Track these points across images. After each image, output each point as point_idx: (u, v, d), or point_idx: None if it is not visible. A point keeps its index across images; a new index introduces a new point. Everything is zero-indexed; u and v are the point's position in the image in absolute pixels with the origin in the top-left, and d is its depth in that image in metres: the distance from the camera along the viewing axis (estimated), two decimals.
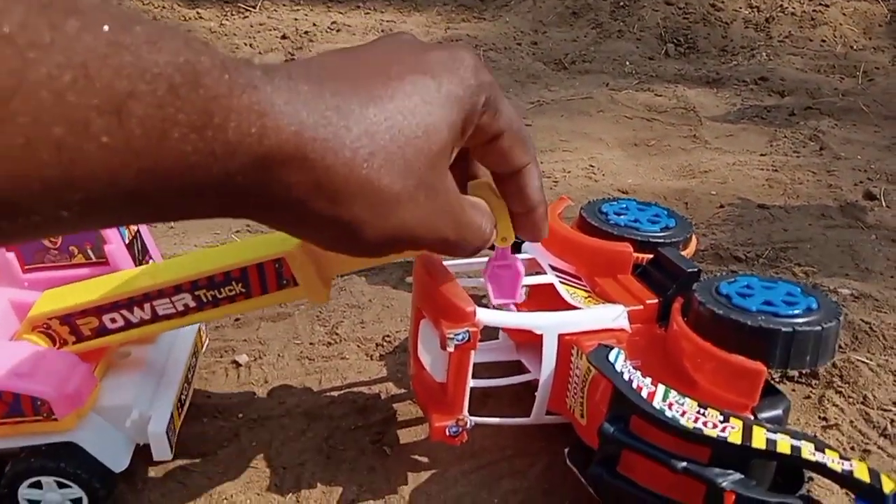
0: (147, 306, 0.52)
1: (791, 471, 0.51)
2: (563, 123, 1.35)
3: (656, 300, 0.57)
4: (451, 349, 0.51)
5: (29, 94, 0.20)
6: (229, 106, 0.25)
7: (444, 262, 0.58)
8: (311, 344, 0.76)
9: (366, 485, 0.59)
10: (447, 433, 0.55)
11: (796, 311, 0.51)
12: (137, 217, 0.27)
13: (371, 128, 0.30)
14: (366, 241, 0.32)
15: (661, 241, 0.63)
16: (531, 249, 0.66)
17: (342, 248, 0.33)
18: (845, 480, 0.43)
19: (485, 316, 0.52)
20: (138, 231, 0.60)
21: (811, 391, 0.68)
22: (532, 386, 0.62)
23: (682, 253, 0.63)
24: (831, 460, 0.43)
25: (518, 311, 0.66)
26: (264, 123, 0.26)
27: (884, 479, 0.43)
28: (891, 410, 0.65)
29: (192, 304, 0.51)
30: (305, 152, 0.28)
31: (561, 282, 0.60)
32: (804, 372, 0.70)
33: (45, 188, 0.21)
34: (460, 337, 0.51)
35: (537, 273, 0.64)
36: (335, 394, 0.69)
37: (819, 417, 0.65)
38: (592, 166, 1.18)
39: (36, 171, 0.21)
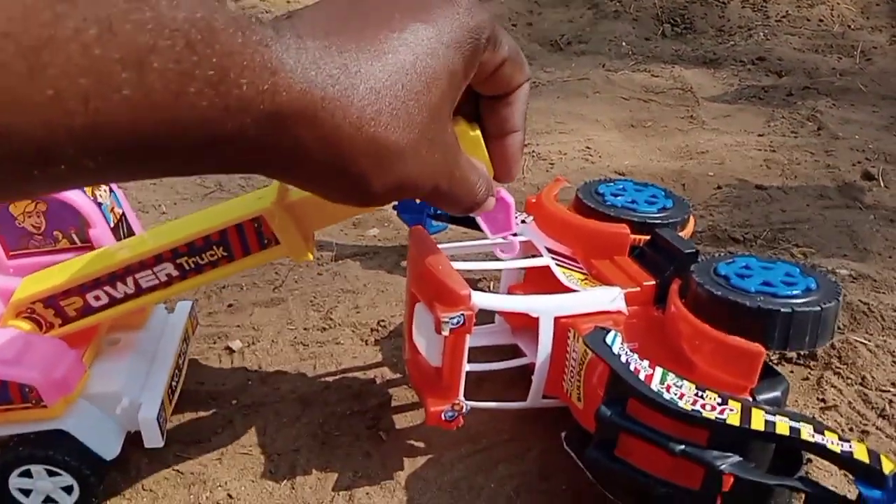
0: (130, 280, 0.51)
1: (789, 453, 0.50)
2: (559, 105, 1.34)
3: (653, 282, 0.56)
4: (445, 333, 0.50)
5: (59, 47, 0.21)
6: (243, 63, 0.26)
7: (440, 245, 0.57)
8: (305, 329, 0.76)
9: (361, 470, 0.59)
10: (443, 417, 0.54)
11: (795, 292, 0.50)
12: (155, 170, 0.28)
13: (376, 85, 0.31)
14: (371, 193, 0.33)
15: (659, 222, 0.62)
16: (527, 232, 0.65)
17: (348, 199, 0.34)
18: (845, 461, 0.43)
19: (480, 299, 0.52)
20: (123, 214, 0.59)
21: (809, 372, 0.67)
22: (528, 370, 0.61)
23: (680, 234, 0.62)
24: (831, 441, 0.43)
25: (515, 293, 0.65)
26: (276, 81, 0.27)
27: (883, 459, 0.42)
28: (889, 391, 0.64)
29: (175, 273, 0.50)
30: (315, 110, 0.29)
31: (557, 264, 0.60)
32: (803, 353, 0.69)
33: (72, 137, 0.22)
34: (455, 321, 0.50)
35: (533, 256, 0.63)
36: (330, 379, 0.68)
37: (818, 399, 0.64)
38: (589, 148, 1.17)
39: (64, 119, 0.22)
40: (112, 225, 0.57)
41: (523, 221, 0.68)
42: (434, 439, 0.61)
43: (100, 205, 0.56)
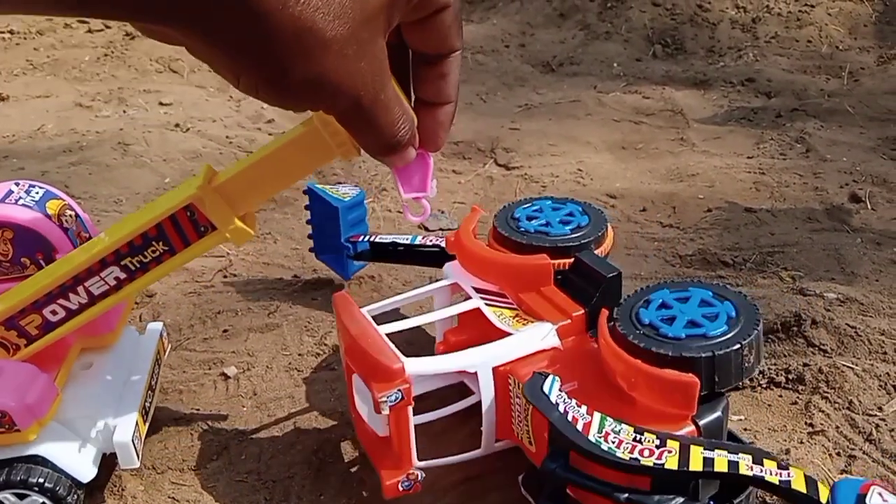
0: (81, 289, 0.52)
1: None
2: (551, 127, 1.36)
3: (582, 311, 0.56)
4: (385, 412, 0.50)
5: None
6: None
7: (366, 308, 0.57)
8: (299, 355, 0.76)
9: (355, 497, 0.60)
10: (399, 489, 0.54)
11: (721, 329, 0.50)
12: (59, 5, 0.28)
13: None
14: (286, 82, 0.32)
15: (574, 244, 0.62)
16: (452, 274, 0.64)
17: (261, 86, 0.33)
18: (783, 492, 0.44)
19: (414, 367, 0.52)
20: (89, 238, 0.60)
21: (798, 397, 0.68)
22: (478, 408, 0.61)
23: (598, 251, 0.62)
24: (769, 472, 0.44)
25: (449, 338, 0.64)
26: None
27: (821, 487, 0.43)
28: (876, 415, 0.65)
29: (123, 275, 0.51)
30: None
31: (487, 304, 0.60)
32: (791, 377, 0.70)
33: None
34: (393, 398, 0.50)
35: (462, 297, 0.62)
36: (324, 406, 0.69)
37: (805, 423, 0.65)
38: (581, 170, 1.18)
39: None
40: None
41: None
42: (427, 468, 0.61)
43: (66, 230, 0.57)
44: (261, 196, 0.50)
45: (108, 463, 0.63)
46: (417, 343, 0.74)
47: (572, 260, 0.60)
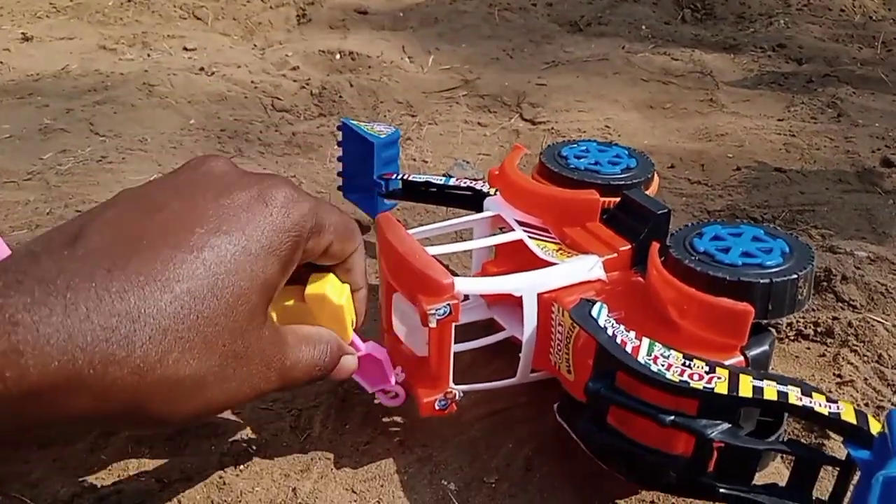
0: None
1: (771, 414, 0.51)
2: (578, 83, 1.34)
3: (629, 246, 0.56)
4: (433, 325, 0.50)
5: None
6: None
7: (410, 231, 0.57)
8: None
9: (380, 428, 0.60)
10: (436, 407, 0.54)
11: (776, 260, 0.51)
12: None
13: (164, 322, 0.29)
14: (174, 424, 0.32)
15: (624, 182, 0.62)
16: (494, 206, 0.64)
17: (151, 431, 0.34)
18: (832, 423, 0.43)
19: (463, 285, 0.51)
20: None
21: (826, 349, 0.68)
22: (509, 343, 0.61)
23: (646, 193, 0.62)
24: (818, 404, 0.43)
25: (489, 271, 0.65)
26: (24, 363, 0.26)
27: (871, 420, 0.43)
28: None
29: None
30: (81, 377, 0.27)
31: (530, 236, 0.59)
32: (819, 331, 0.69)
33: None
34: (442, 311, 0.50)
35: (502, 230, 0.62)
36: None
37: (833, 374, 0.65)
38: (608, 127, 1.17)
39: None
40: None
41: (487, 194, 0.67)
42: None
43: None
44: None
45: None
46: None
47: (619, 199, 0.60)
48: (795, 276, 0.50)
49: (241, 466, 0.56)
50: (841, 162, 1.05)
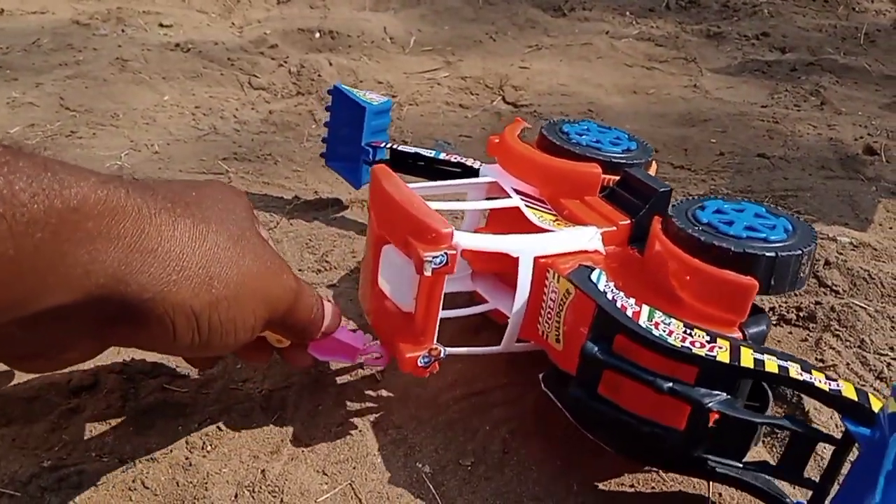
0: None
1: (756, 390, 0.50)
2: (561, 68, 1.32)
3: (629, 221, 0.55)
4: (428, 273, 0.48)
5: None
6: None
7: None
8: (299, 270, 0.74)
9: (354, 409, 0.58)
10: (419, 364, 0.53)
11: (780, 236, 0.50)
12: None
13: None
14: (161, 316, 0.36)
15: (626, 161, 0.61)
16: (491, 172, 0.63)
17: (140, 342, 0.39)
18: (833, 399, 0.42)
19: (461, 239, 0.50)
20: None
21: (808, 334, 0.67)
22: (489, 319, 0.60)
23: None
24: (818, 380, 0.42)
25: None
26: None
27: (871, 398, 0.42)
28: (887, 355, 0.64)
29: None
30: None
31: (526, 205, 0.58)
32: (802, 315, 0.68)
33: None
34: (438, 260, 0.48)
35: (498, 197, 0.61)
36: None
37: (816, 359, 0.64)
38: (591, 111, 1.15)
39: None
40: None
41: (477, 171, 0.66)
42: (429, 381, 0.60)
43: None
44: None
45: (96, 364, 0.61)
46: None
47: (620, 177, 0.59)
48: (800, 251, 0.49)
49: (209, 447, 0.54)
50: (824, 149, 1.04)
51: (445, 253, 0.48)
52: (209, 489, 0.50)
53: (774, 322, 0.68)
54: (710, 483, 0.51)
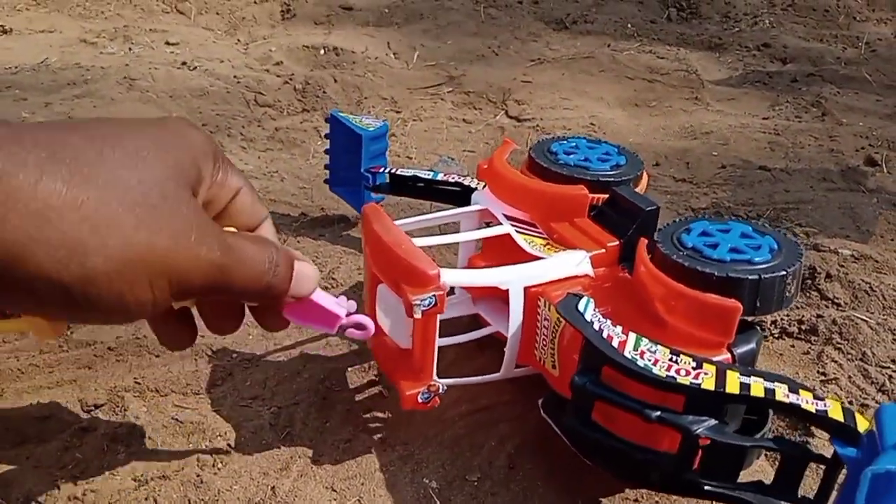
0: None
1: (758, 410, 0.50)
2: (563, 81, 1.34)
3: (617, 242, 0.56)
4: (418, 316, 0.49)
5: None
6: None
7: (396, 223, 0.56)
8: None
9: (362, 425, 0.59)
10: (419, 400, 0.54)
11: (765, 257, 0.50)
12: None
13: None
14: (92, 275, 0.32)
15: (613, 179, 0.62)
16: (482, 200, 0.64)
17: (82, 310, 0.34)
18: (820, 421, 0.43)
19: (449, 277, 0.51)
20: None
21: (810, 347, 0.68)
22: (493, 339, 0.61)
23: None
24: (805, 401, 0.43)
25: (475, 265, 0.64)
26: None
27: (858, 417, 0.42)
28: (889, 367, 0.65)
29: None
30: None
31: (517, 231, 0.59)
32: (803, 328, 0.69)
33: None
34: (427, 302, 0.49)
35: (489, 224, 0.62)
36: (332, 336, 0.68)
37: (818, 372, 0.65)
38: (593, 124, 1.16)
39: None
40: None
41: (475, 189, 0.66)
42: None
43: None
44: None
45: (108, 383, 0.62)
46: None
47: (608, 196, 0.59)
48: (784, 272, 0.49)
49: (220, 465, 0.55)
50: (825, 160, 1.05)
51: (434, 295, 0.49)
52: None
53: (776, 336, 0.69)
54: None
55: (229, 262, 0.37)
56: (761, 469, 0.55)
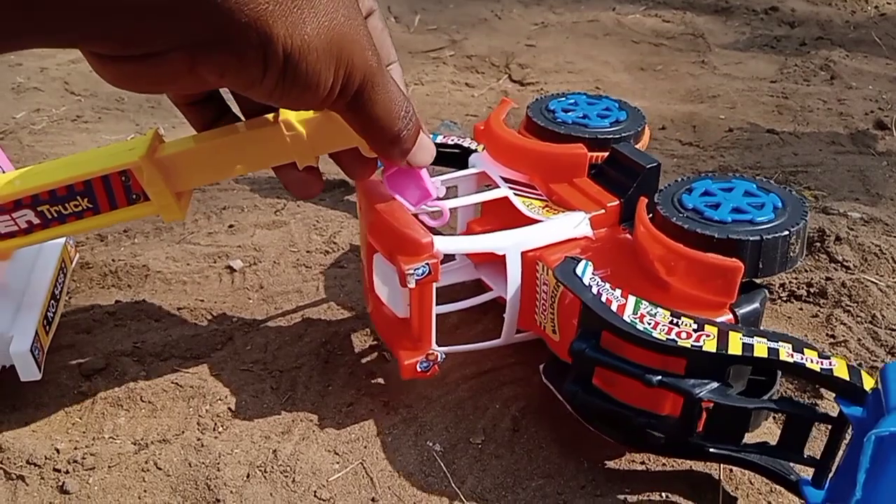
0: None
1: (766, 370, 0.49)
2: (568, 45, 1.31)
3: (617, 202, 0.55)
4: (411, 286, 0.48)
5: None
6: None
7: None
8: (307, 252, 0.74)
9: (364, 389, 0.58)
10: (418, 369, 0.53)
11: (768, 216, 0.49)
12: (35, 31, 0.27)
13: None
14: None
15: (613, 136, 0.59)
16: (479, 163, 0.62)
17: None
18: (824, 380, 0.42)
19: (443, 244, 0.49)
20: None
21: (819, 310, 0.67)
22: (496, 304, 0.60)
23: (637, 147, 0.60)
24: (810, 360, 0.42)
25: (474, 230, 0.63)
26: None
27: (864, 375, 0.41)
28: None
29: (36, 220, 0.47)
30: None
31: (516, 193, 0.57)
32: (812, 291, 0.68)
33: None
34: (420, 271, 0.48)
35: (488, 187, 0.60)
36: (334, 300, 0.67)
37: (827, 335, 0.64)
38: (598, 88, 1.14)
39: None
40: None
41: (475, 150, 0.65)
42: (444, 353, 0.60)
43: None
44: (202, 180, 0.46)
45: (107, 348, 0.62)
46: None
47: (608, 154, 0.57)
48: (787, 232, 0.47)
49: (220, 428, 0.54)
50: (834, 124, 1.03)
51: (427, 263, 0.48)
52: (221, 470, 0.51)
53: (785, 299, 0.68)
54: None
55: (382, 77, 0.37)
56: (769, 430, 0.54)
